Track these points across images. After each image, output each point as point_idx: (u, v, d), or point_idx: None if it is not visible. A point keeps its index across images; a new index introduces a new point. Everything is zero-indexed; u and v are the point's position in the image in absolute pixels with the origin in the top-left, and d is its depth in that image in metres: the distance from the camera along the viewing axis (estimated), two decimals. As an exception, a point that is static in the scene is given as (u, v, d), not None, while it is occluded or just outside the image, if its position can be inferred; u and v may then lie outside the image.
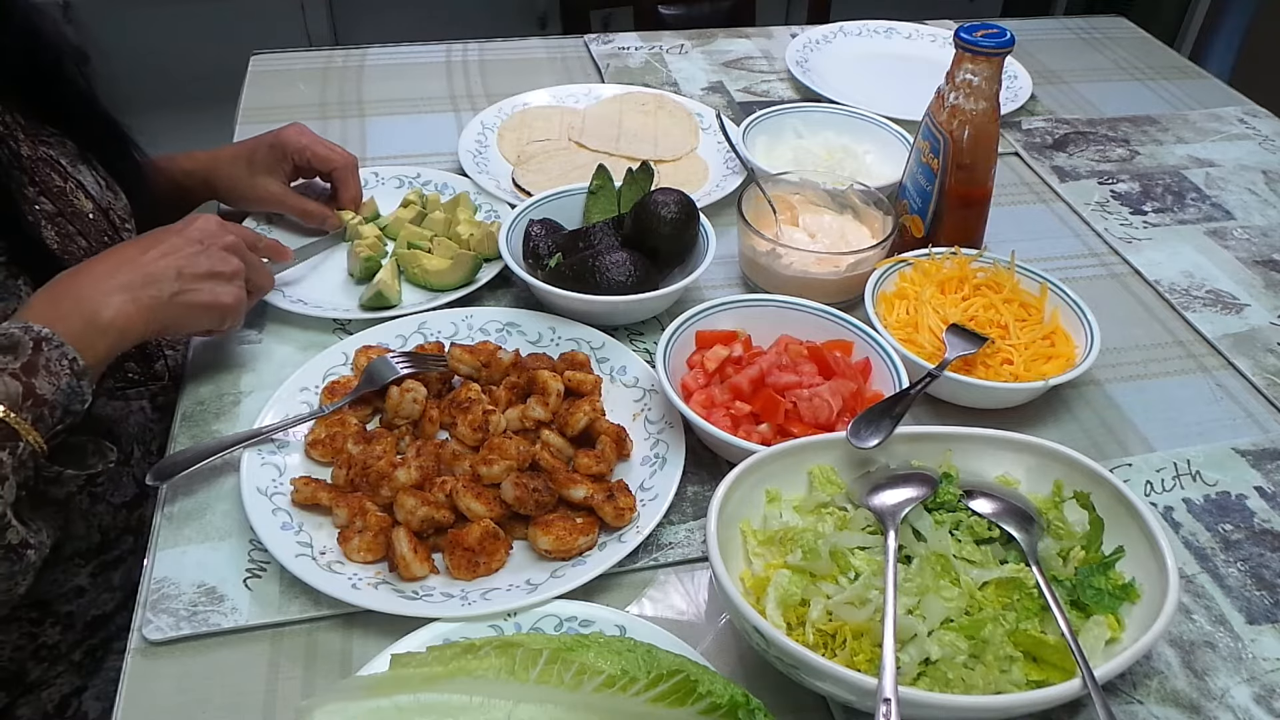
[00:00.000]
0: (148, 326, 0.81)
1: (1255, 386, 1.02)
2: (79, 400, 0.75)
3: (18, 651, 0.91)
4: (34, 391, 0.71)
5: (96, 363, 0.77)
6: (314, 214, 1.12)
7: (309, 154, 1.11)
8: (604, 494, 0.81)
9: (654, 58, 1.60)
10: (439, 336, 0.99)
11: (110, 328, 0.78)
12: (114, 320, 0.78)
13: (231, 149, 1.13)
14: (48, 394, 0.72)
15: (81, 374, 0.75)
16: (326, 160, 1.12)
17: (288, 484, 0.83)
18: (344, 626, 0.76)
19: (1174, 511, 0.89)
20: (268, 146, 1.11)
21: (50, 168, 0.94)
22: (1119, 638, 0.71)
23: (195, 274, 0.84)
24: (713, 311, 0.96)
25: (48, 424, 0.73)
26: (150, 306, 0.80)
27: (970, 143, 1.03)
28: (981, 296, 1.02)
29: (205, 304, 0.84)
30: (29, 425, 0.71)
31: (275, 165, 1.11)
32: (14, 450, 0.70)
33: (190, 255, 0.84)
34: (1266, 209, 1.30)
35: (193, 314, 0.84)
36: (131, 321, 0.79)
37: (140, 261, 0.82)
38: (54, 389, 0.73)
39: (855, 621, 0.69)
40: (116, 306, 0.78)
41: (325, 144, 1.12)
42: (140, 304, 0.80)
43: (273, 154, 1.10)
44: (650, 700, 0.62)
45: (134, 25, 2.75)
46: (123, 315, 0.79)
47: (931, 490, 0.77)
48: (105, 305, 0.78)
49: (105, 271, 0.81)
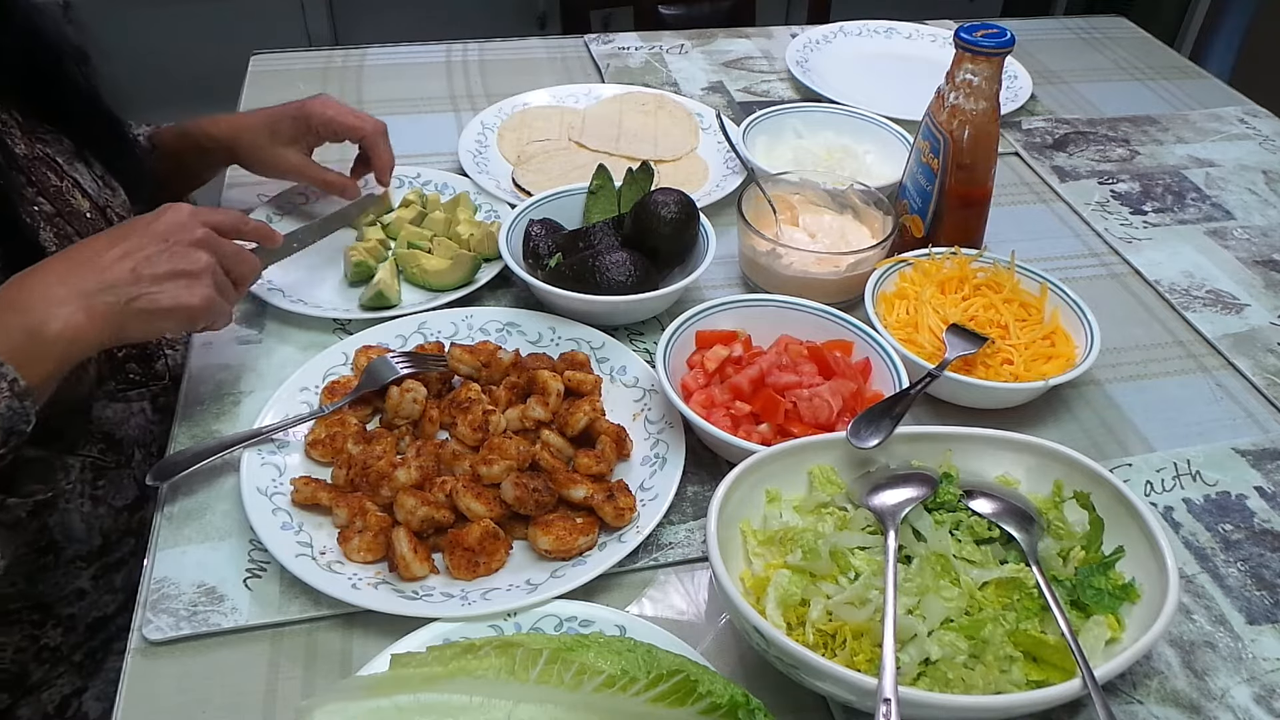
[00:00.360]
0: (102, 335, 0.75)
1: (1255, 386, 1.02)
2: (22, 421, 0.70)
3: (19, 653, 0.91)
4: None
5: (43, 379, 0.72)
6: (335, 184, 1.10)
7: (335, 126, 1.09)
8: (604, 494, 0.81)
9: (654, 58, 1.60)
10: (439, 336, 0.99)
11: (58, 340, 0.72)
12: (62, 333, 0.72)
13: (255, 117, 1.11)
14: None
15: (23, 394, 0.70)
16: (355, 129, 1.09)
17: (288, 484, 0.83)
18: (344, 626, 0.76)
19: (1174, 511, 0.89)
20: (290, 118, 1.08)
21: (47, 166, 0.93)
22: (1119, 638, 0.71)
23: (155, 274, 0.77)
24: (713, 311, 0.96)
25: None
26: (104, 314, 0.74)
27: (970, 143, 1.03)
28: (981, 296, 1.02)
29: (167, 308, 0.77)
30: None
31: (298, 137, 1.09)
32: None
33: (151, 254, 0.77)
34: (1266, 209, 1.30)
35: (154, 319, 0.78)
36: (82, 332, 0.73)
37: (95, 264, 0.76)
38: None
39: (855, 621, 0.69)
40: (65, 317, 0.72)
41: (353, 113, 1.10)
42: (93, 312, 0.74)
43: (295, 125, 1.08)
44: (650, 700, 0.62)
45: (134, 25, 2.75)
46: (71, 326, 0.72)
47: (931, 490, 0.77)
48: (52, 316, 0.72)
49: (56, 276, 0.75)
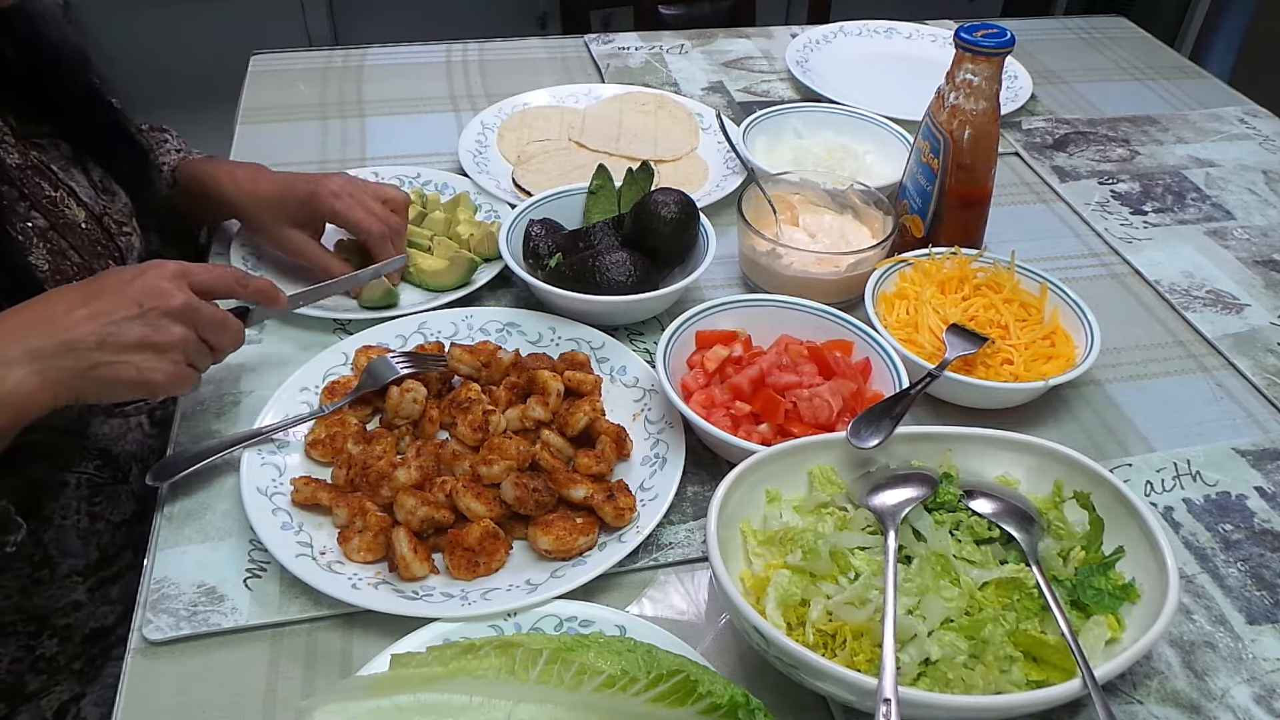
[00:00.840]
0: (55, 400, 0.71)
1: (1255, 386, 1.02)
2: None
3: (15, 664, 0.91)
4: None
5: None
6: (336, 273, 1.03)
7: (340, 221, 1.03)
8: (604, 494, 0.81)
9: (654, 58, 1.60)
10: (439, 336, 0.99)
11: (5, 403, 0.69)
12: (10, 394, 0.69)
13: (268, 186, 1.04)
14: None
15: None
16: (360, 228, 1.02)
17: (288, 484, 0.83)
18: (344, 626, 0.76)
19: (1174, 511, 0.89)
20: (300, 201, 1.02)
21: (41, 175, 0.91)
22: (1119, 638, 0.71)
23: (122, 343, 0.73)
24: (713, 311, 0.96)
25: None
26: (59, 380, 0.71)
27: (970, 143, 1.03)
28: (981, 296, 1.02)
29: (128, 380, 0.74)
30: None
31: (306, 221, 1.04)
32: None
33: (120, 321, 0.73)
34: (1266, 209, 1.30)
35: (113, 388, 0.74)
36: (34, 397, 0.70)
37: (60, 323, 0.72)
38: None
39: (855, 621, 0.69)
40: (17, 379, 0.69)
41: (364, 207, 1.02)
42: (47, 376, 0.70)
43: (304, 209, 1.03)
44: (650, 700, 0.62)
45: (134, 25, 2.75)
46: (22, 389, 0.69)
47: (931, 490, 0.77)
48: (3, 378, 0.69)
49: (15, 331, 0.71)
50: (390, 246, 1.04)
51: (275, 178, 1.06)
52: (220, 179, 1.06)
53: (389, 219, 1.04)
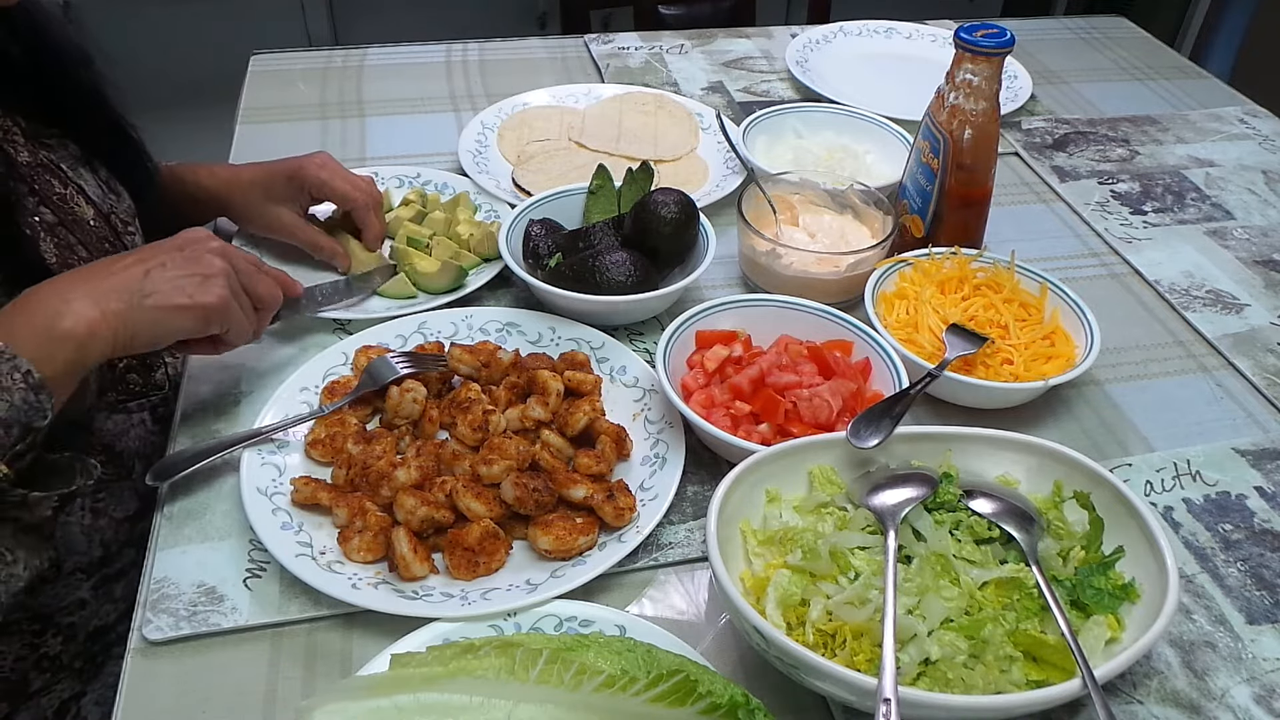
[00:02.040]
0: (116, 335, 0.74)
1: (1255, 386, 1.02)
2: (39, 415, 0.69)
3: (19, 662, 0.91)
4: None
5: (57, 375, 0.71)
6: (324, 248, 1.08)
7: (327, 190, 1.07)
8: (604, 494, 0.81)
9: (654, 58, 1.60)
10: (439, 336, 0.99)
11: (70, 336, 0.72)
12: (74, 328, 0.72)
13: (251, 172, 1.09)
14: (1, 411, 0.67)
15: (38, 387, 0.69)
16: (346, 198, 1.07)
17: (288, 484, 0.83)
18: (344, 626, 0.76)
19: (1174, 511, 0.89)
20: (285, 178, 1.07)
21: (50, 173, 0.92)
22: (1119, 638, 0.71)
23: (169, 275, 0.78)
24: (713, 311, 0.96)
25: (4, 444, 0.67)
26: (117, 312, 0.74)
27: (970, 143, 1.03)
28: (981, 296, 1.02)
29: (180, 305, 0.77)
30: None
31: (292, 196, 1.07)
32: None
33: (165, 260, 0.78)
34: (1266, 209, 1.30)
35: (166, 316, 0.77)
36: (95, 328, 0.73)
37: (108, 269, 0.77)
38: (7, 405, 0.67)
39: (855, 621, 0.69)
40: (77, 313, 0.72)
41: (346, 178, 1.08)
42: (105, 310, 0.74)
43: (290, 185, 1.06)
44: (650, 700, 0.62)
45: (134, 26, 2.75)
46: (84, 322, 0.72)
47: (931, 490, 0.77)
48: (65, 313, 0.72)
49: (70, 282, 0.75)
50: (374, 215, 1.09)
51: (256, 165, 1.10)
52: (200, 176, 1.10)
53: (369, 189, 1.09)
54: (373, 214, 1.09)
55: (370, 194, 1.09)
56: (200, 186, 1.09)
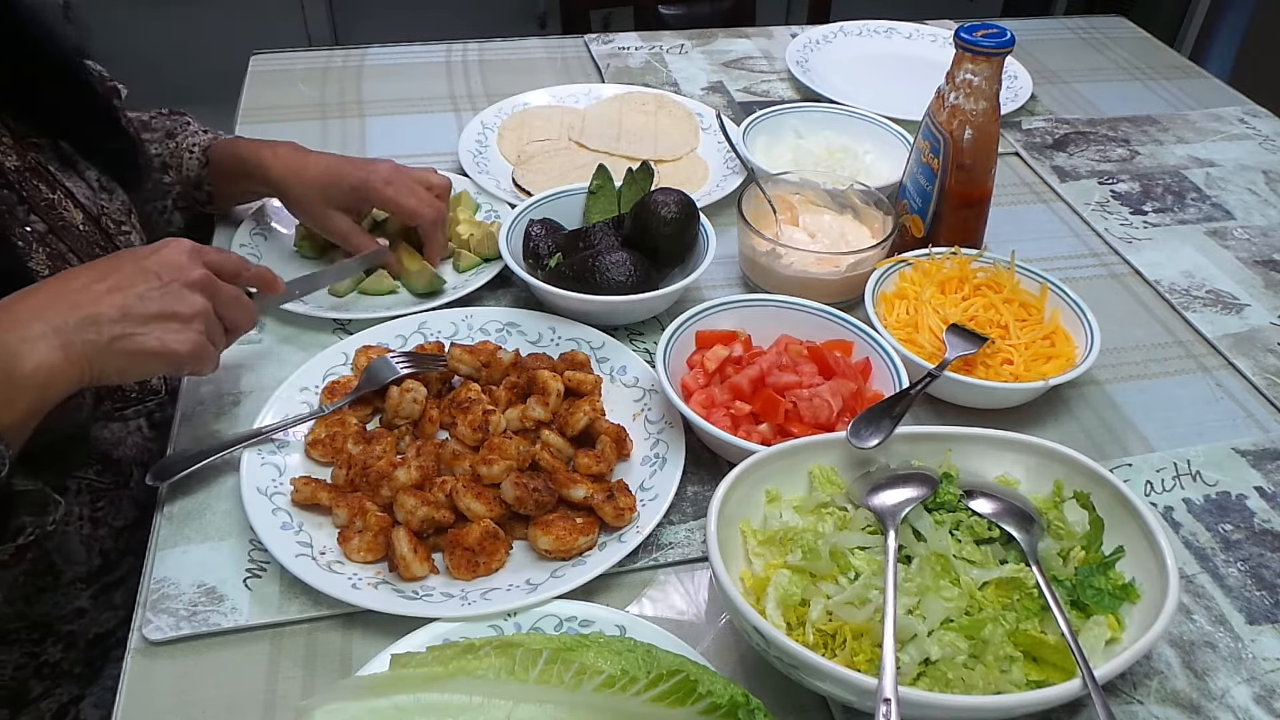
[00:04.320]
0: (81, 375, 0.70)
1: (1255, 386, 1.02)
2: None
3: (19, 670, 0.90)
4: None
5: (17, 421, 0.67)
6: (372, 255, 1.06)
7: (392, 208, 1.06)
8: (604, 494, 0.81)
9: (654, 58, 1.60)
10: (439, 336, 0.99)
11: (31, 381, 0.67)
12: (35, 372, 0.67)
13: (316, 169, 1.05)
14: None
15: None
16: (414, 216, 1.05)
17: (288, 484, 0.83)
18: (344, 626, 0.76)
19: (1174, 511, 0.89)
20: (350, 187, 1.04)
21: (39, 177, 0.90)
22: (1119, 638, 0.71)
23: (144, 315, 0.72)
24: (713, 311, 0.96)
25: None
26: (83, 354, 0.69)
27: (970, 143, 1.03)
28: (981, 296, 1.02)
29: (152, 350, 0.73)
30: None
31: (353, 206, 1.06)
32: None
33: (142, 292, 0.73)
34: (1266, 209, 1.30)
35: (136, 361, 0.73)
36: (57, 372, 0.68)
37: (80, 298, 0.71)
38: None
39: (855, 621, 0.69)
40: (40, 355, 0.67)
41: (416, 195, 1.05)
42: (71, 350, 0.69)
43: (353, 195, 1.05)
44: (650, 700, 0.62)
45: (134, 26, 2.75)
46: (46, 365, 0.68)
47: (931, 490, 0.77)
48: (27, 354, 0.67)
49: (35, 308, 0.70)
50: (441, 232, 1.08)
51: (323, 161, 1.07)
52: (264, 159, 1.06)
53: (436, 205, 1.07)
54: (439, 231, 1.07)
55: (438, 210, 1.07)
56: (263, 169, 1.06)
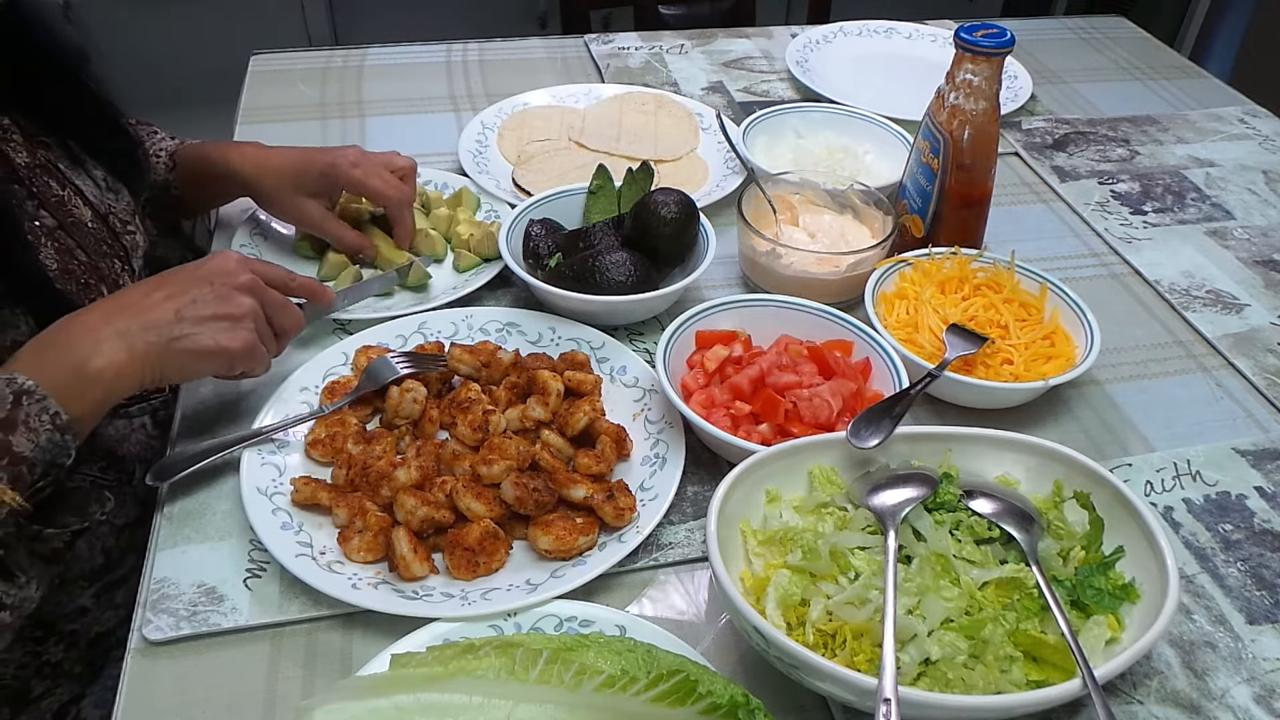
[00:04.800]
0: (144, 374, 0.76)
1: (1255, 386, 1.02)
2: (63, 455, 0.70)
3: (21, 669, 0.91)
4: (10, 449, 0.67)
5: (85, 415, 0.73)
6: (350, 243, 1.08)
7: (361, 190, 1.07)
8: (604, 494, 0.81)
9: (654, 58, 1.60)
10: (439, 336, 0.99)
11: (100, 377, 0.73)
12: (104, 370, 0.73)
13: (282, 159, 1.07)
14: (26, 451, 0.68)
15: (65, 428, 0.70)
16: (379, 196, 1.07)
17: (288, 484, 0.83)
18: (344, 626, 0.76)
19: (1174, 511, 0.89)
20: (318, 172, 1.06)
21: (49, 174, 0.92)
22: (1119, 638, 0.71)
23: (198, 316, 0.78)
24: (713, 311, 0.96)
25: (26, 482, 0.68)
26: (145, 353, 0.75)
27: (970, 143, 1.03)
28: (981, 296, 1.02)
29: (207, 349, 0.78)
30: (4, 484, 0.67)
31: (323, 191, 1.07)
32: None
33: (195, 296, 0.79)
34: (1266, 209, 1.30)
35: (194, 360, 0.78)
36: (124, 371, 0.74)
37: (139, 306, 0.77)
38: (33, 445, 0.68)
39: (855, 621, 0.69)
40: (108, 355, 0.73)
41: (380, 177, 1.07)
42: (134, 351, 0.75)
43: (323, 180, 1.06)
44: (650, 700, 0.62)
45: (133, 26, 2.75)
46: (114, 364, 0.73)
47: (931, 490, 0.77)
48: (95, 353, 0.73)
49: (101, 317, 0.76)
50: (409, 212, 1.09)
51: (288, 151, 1.09)
52: (229, 156, 1.08)
53: (401, 187, 1.09)
54: (406, 212, 1.09)
55: (403, 192, 1.08)
56: (229, 167, 1.08)
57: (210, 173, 1.09)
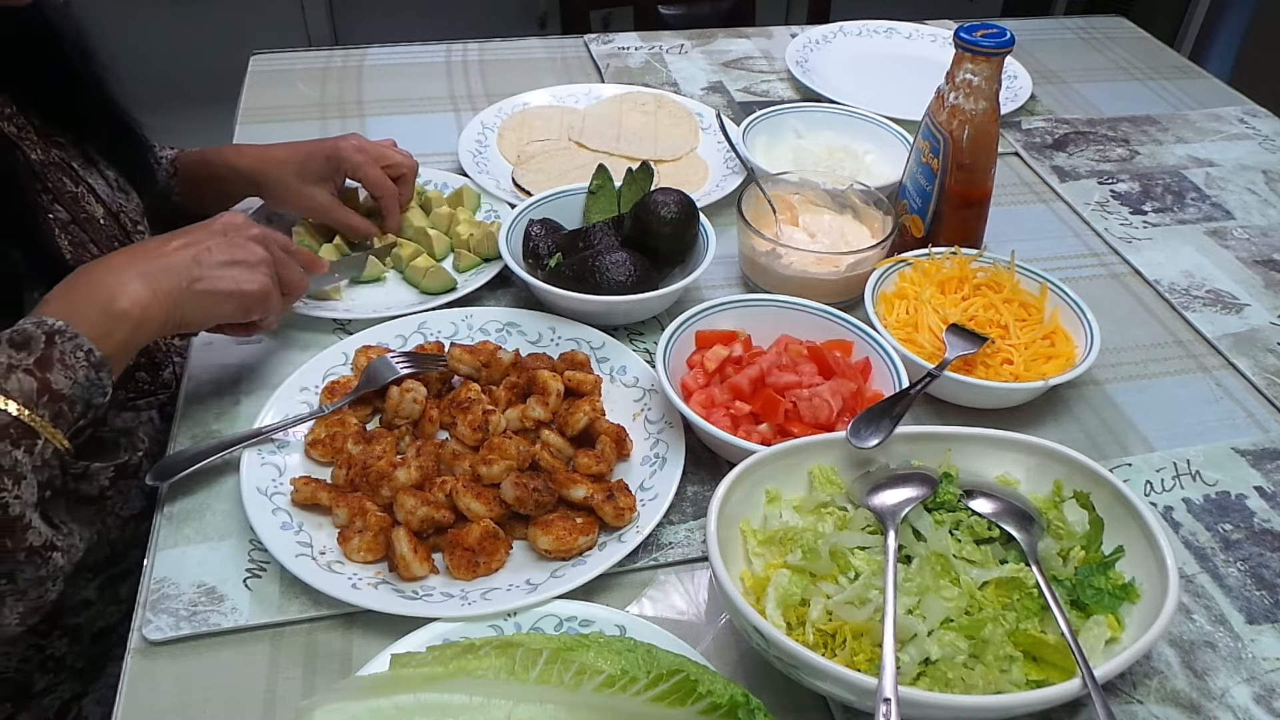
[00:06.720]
0: (168, 316, 0.78)
1: (1255, 386, 1.02)
2: (99, 393, 0.72)
3: (24, 663, 0.91)
4: (50, 387, 0.69)
5: (115, 352, 0.74)
6: (359, 229, 1.10)
7: (360, 175, 1.08)
8: (604, 494, 0.81)
9: (654, 58, 1.60)
10: (439, 336, 0.99)
11: (127, 316, 0.75)
12: (130, 308, 0.75)
13: (283, 151, 1.10)
14: (64, 389, 0.69)
15: (99, 365, 0.72)
16: (377, 185, 1.09)
17: (288, 484, 0.83)
18: (344, 626, 0.76)
19: (1174, 511, 0.89)
20: (323, 158, 1.07)
21: (63, 172, 0.93)
22: (1119, 638, 0.71)
23: (215, 261, 0.81)
24: (713, 311, 0.96)
25: (68, 419, 0.70)
26: (168, 293, 0.77)
27: (970, 143, 1.03)
28: (981, 296, 1.02)
29: (227, 291, 0.81)
30: (47, 422, 0.68)
31: (327, 177, 1.08)
32: (31, 449, 0.67)
33: (211, 244, 0.82)
34: (1266, 209, 1.30)
35: (214, 302, 0.81)
36: (149, 310, 0.76)
37: (159, 251, 0.80)
38: (71, 383, 0.70)
39: (855, 621, 0.69)
40: (132, 294, 0.75)
41: (378, 168, 1.09)
42: (157, 291, 0.77)
43: (327, 165, 1.07)
44: (650, 700, 0.62)
45: (134, 25, 2.75)
46: (139, 303, 0.75)
47: (931, 490, 0.77)
48: (121, 293, 0.75)
49: (123, 261, 0.78)
50: (395, 209, 1.11)
51: (289, 144, 1.11)
52: (230, 156, 1.10)
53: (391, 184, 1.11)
54: (393, 205, 1.11)
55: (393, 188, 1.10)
56: (230, 167, 1.09)
57: (212, 174, 1.10)
